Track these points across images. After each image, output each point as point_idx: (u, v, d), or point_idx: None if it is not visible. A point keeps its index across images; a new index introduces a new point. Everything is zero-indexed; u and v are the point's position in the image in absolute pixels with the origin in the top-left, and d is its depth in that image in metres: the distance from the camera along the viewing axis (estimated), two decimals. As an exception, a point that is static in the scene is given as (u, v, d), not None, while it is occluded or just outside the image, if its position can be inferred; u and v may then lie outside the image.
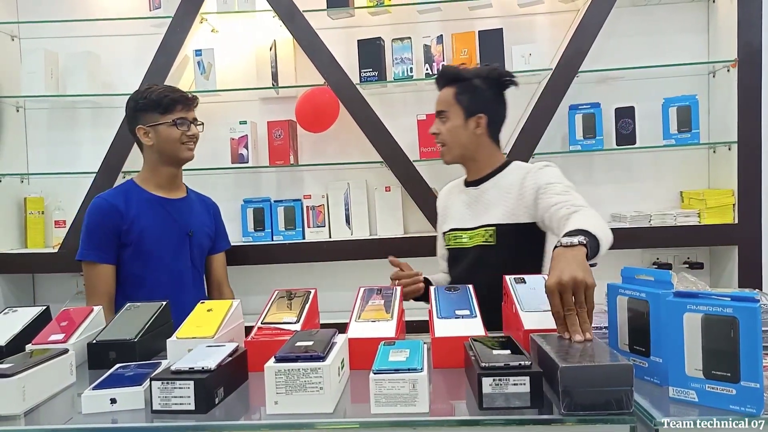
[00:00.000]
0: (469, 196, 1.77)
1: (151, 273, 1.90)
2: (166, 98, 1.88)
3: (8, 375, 0.94)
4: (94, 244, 1.87)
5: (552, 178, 1.62)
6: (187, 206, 2.03)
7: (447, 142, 1.73)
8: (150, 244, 1.89)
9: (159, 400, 0.92)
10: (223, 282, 2.16)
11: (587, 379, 0.85)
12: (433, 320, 1.21)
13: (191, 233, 1.98)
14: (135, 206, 1.90)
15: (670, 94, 2.41)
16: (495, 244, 1.67)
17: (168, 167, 1.96)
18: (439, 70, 1.79)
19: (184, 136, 1.91)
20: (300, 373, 0.90)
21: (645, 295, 1.00)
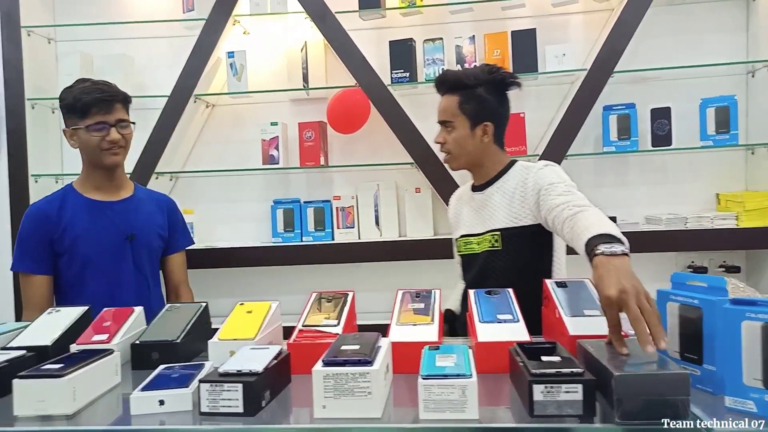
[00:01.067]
0: (476, 201, 1.75)
1: (89, 279, 1.79)
2: (80, 102, 1.73)
3: (59, 375, 0.95)
4: (27, 254, 1.76)
5: (554, 178, 1.57)
6: (131, 207, 1.88)
7: (453, 151, 1.70)
8: (85, 250, 1.78)
9: (207, 402, 0.93)
10: (180, 283, 2.01)
11: (642, 388, 0.83)
12: (475, 324, 1.20)
13: (132, 236, 1.84)
14: (69, 212, 1.79)
15: (707, 94, 2.36)
16: (501, 249, 1.65)
17: (99, 170, 1.82)
18: (440, 76, 1.73)
19: (103, 142, 1.75)
20: (348, 377, 0.90)
21: (698, 301, 0.98)
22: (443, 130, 1.71)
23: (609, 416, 0.84)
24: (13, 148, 2.55)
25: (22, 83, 2.53)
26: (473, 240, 1.72)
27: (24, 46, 2.54)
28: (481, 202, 1.73)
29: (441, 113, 1.71)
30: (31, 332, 1.27)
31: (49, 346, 1.21)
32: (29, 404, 0.95)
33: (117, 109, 1.78)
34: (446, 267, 2.49)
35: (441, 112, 1.71)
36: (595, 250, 1.14)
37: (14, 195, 2.55)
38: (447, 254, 2.43)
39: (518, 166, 1.71)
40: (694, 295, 0.99)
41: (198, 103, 2.61)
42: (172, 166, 2.63)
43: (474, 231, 1.73)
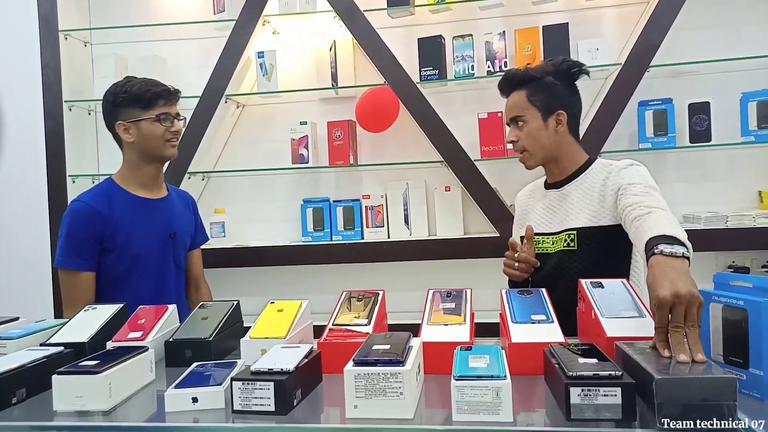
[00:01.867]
0: (550, 199, 1.69)
1: (135, 277, 1.79)
2: (149, 92, 1.75)
3: (96, 371, 0.97)
4: (75, 251, 1.73)
5: (635, 178, 1.52)
6: (170, 206, 1.92)
7: (528, 147, 1.64)
8: (135, 248, 1.78)
9: (240, 400, 0.93)
10: (200, 277, 2.06)
11: (685, 392, 0.80)
12: (508, 325, 1.17)
13: (174, 234, 1.88)
14: (118, 208, 1.78)
15: (748, 88, 2.28)
16: (576, 249, 1.59)
17: (150, 165, 1.84)
18: (503, 76, 1.68)
19: (167, 133, 1.78)
20: (380, 377, 0.89)
21: (743, 302, 0.94)
22: (514, 128, 1.65)
23: (650, 421, 0.81)
24: (52, 150, 2.62)
25: (59, 86, 2.60)
26: (547, 239, 1.66)
27: (61, 50, 2.61)
28: (557, 200, 1.67)
29: (509, 111, 1.66)
30: (69, 329, 1.30)
31: (86, 342, 1.23)
32: (68, 399, 0.97)
33: (175, 103, 1.85)
34: (477, 266, 2.48)
35: (509, 110, 1.66)
36: (654, 249, 1.10)
37: (52, 195, 2.62)
38: (478, 254, 2.42)
39: (599, 163, 1.65)
40: (739, 296, 0.95)
41: (229, 104, 2.64)
42: (203, 166, 2.66)
43: (548, 230, 1.67)
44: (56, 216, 2.61)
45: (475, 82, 2.52)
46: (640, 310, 1.18)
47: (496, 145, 2.43)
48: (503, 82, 1.68)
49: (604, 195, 1.57)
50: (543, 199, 1.72)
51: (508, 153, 2.41)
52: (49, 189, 2.62)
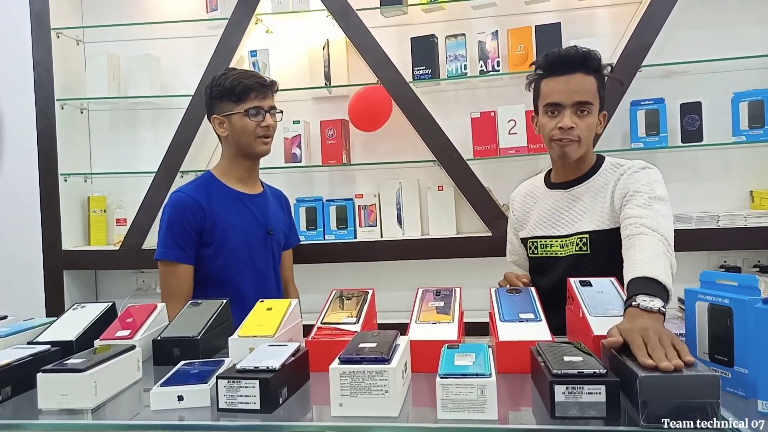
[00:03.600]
0: (557, 199, 1.62)
1: (234, 274, 1.76)
2: (240, 85, 1.72)
3: (81, 370, 0.97)
4: (176, 242, 1.71)
5: (641, 186, 1.45)
6: (266, 202, 1.89)
7: (584, 137, 1.50)
8: (234, 243, 1.75)
9: (225, 398, 0.93)
10: (290, 280, 2.04)
11: (669, 390, 0.81)
12: (496, 323, 1.18)
13: (271, 231, 1.85)
14: (217, 201, 1.75)
15: (740, 88, 2.29)
16: (589, 253, 1.53)
17: (245, 160, 1.82)
18: (573, 50, 1.49)
19: (258, 128, 1.75)
20: (365, 375, 0.89)
21: (728, 301, 0.94)
22: (573, 114, 1.49)
23: (634, 419, 0.82)
24: (43, 148, 2.60)
25: (51, 84, 2.59)
26: (555, 242, 1.59)
27: (53, 48, 2.60)
28: (565, 201, 1.60)
29: (579, 93, 1.48)
30: (57, 328, 1.30)
31: (74, 341, 1.23)
32: (52, 398, 0.96)
33: (270, 96, 1.80)
34: (470, 266, 2.48)
35: (578, 92, 1.48)
36: (632, 300, 1.10)
37: (44, 194, 2.61)
38: (470, 253, 2.42)
39: (608, 163, 1.59)
40: (724, 294, 0.96)
41: (222, 102, 2.63)
42: (196, 164, 2.65)
43: (556, 233, 1.60)
44: (48, 215, 2.60)
45: (468, 82, 2.52)
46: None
47: (488, 144, 2.43)
48: (583, 58, 1.49)
49: (614, 197, 1.51)
50: (547, 199, 1.65)
51: (501, 152, 2.42)
52: (41, 188, 2.61)
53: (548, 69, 1.53)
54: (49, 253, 2.59)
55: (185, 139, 2.53)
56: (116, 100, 2.69)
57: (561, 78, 1.50)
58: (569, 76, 1.49)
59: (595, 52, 1.52)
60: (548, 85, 1.53)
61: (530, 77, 1.60)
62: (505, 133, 2.40)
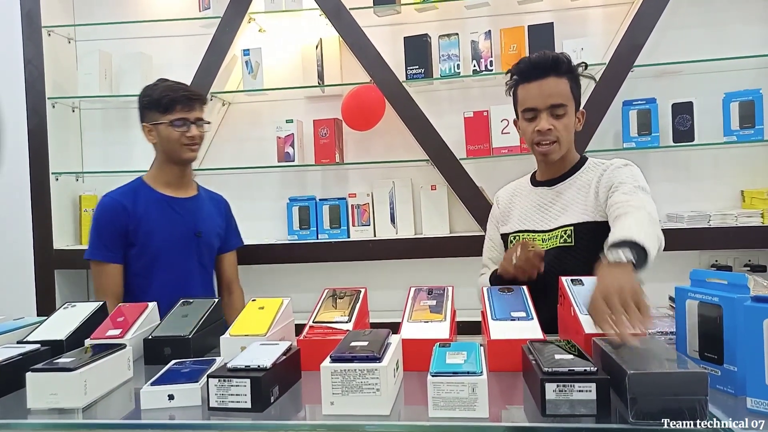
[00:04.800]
0: (542, 196, 1.66)
1: (157, 273, 1.87)
2: (166, 97, 1.84)
3: (71, 369, 0.96)
4: (103, 243, 1.85)
5: (626, 178, 1.50)
6: (197, 206, 1.98)
7: (562, 139, 1.56)
8: (156, 244, 1.87)
9: (216, 397, 0.93)
10: (233, 281, 2.12)
11: (658, 387, 0.81)
12: (488, 322, 1.18)
13: (199, 234, 1.94)
14: (143, 205, 1.87)
15: (731, 88, 2.30)
16: (573, 245, 1.56)
17: (174, 166, 1.92)
18: (542, 57, 1.55)
19: (183, 138, 1.86)
20: (356, 373, 0.89)
21: (718, 299, 0.95)
22: (550, 116, 1.54)
23: (624, 416, 0.82)
24: (35, 147, 2.58)
25: (42, 82, 2.57)
26: (538, 237, 1.63)
27: (45, 46, 2.58)
28: (549, 198, 1.65)
29: (552, 96, 1.53)
30: (47, 327, 1.29)
31: (64, 340, 1.23)
32: (42, 397, 0.96)
33: (197, 108, 1.90)
34: (462, 265, 2.48)
35: (551, 96, 1.53)
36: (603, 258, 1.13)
37: (35, 193, 2.59)
38: (464, 252, 2.42)
39: (591, 162, 1.65)
40: (714, 292, 0.96)
41: (214, 101, 2.62)
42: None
43: (539, 227, 1.64)
44: (39, 214, 2.58)
45: (461, 81, 2.53)
46: None
47: (481, 144, 2.43)
48: (552, 62, 1.54)
49: (598, 192, 1.56)
50: (530, 196, 1.70)
51: (494, 152, 2.42)
52: (32, 186, 2.59)
53: (522, 75, 1.59)
54: (40, 253, 2.58)
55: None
56: (108, 99, 2.68)
57: (534, 83, 1.55)
58: (541, 81, 1.54)
59: (565, 55, 1.58)
60: (523, 91, 1.59)
61: (508, 84, 1.66)
62: (498, 132, 2.41)
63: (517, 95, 1.62)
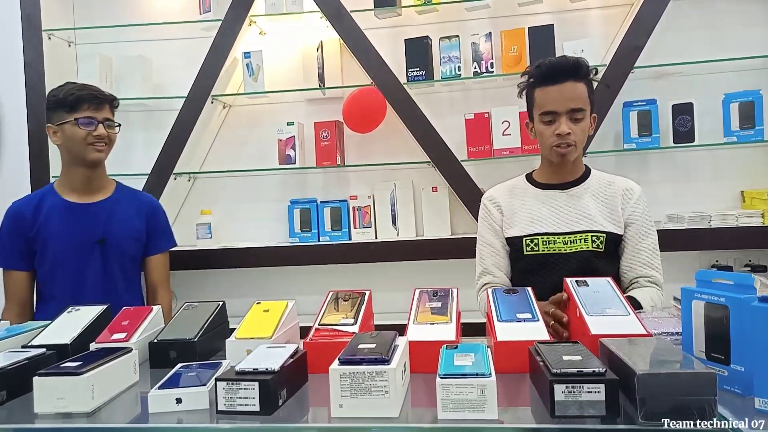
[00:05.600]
0: (554, 198, 1.68)
1: (57, 279, 1.87)
2: (72, 96, 1.82)
3: (78, 373, 0.96)
4: (5, 250, 1.88)
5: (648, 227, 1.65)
6: (105, 210, 1.93)
7: (579, 142, 1.60)
8: (54, 251, 1.86)
9: (224, 400, 0.92)
10: (159, 285, 2.03)
11: (667, 388, 0.81)
12: (494, 324, 1.18)
13: (102, 240, 1.90)
14: (44, 212, 1.87)
15: (731, 89, 2.31)
16: (603, 251, 1.62)
17: (80, 169, 1.89)
18: (563, 61, 1.57)
19: (89, 137, 1.82)
20: (365, 376, 0.89)
21: (724, 299, 0.95)
22: (569, 121, 1.57)
23: (633, 417, 0.82)
24: (35, 150, 2.58)
25: (43, 86, 2.56)
26: (559, 239, 1.63)
27: (45, 49, 2.58)
28: (565, 201, 1.67)
29: (573, 100, 1.55)
30: (51, 331, 1.28)
31: (69, 344, 1.22)
32: (49, 401, 0.95)
33: (105, 108, 1.88)
34: (464, 267, 2.47)
35: (571, 100, 1.55)
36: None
37: (36, 196, 2.58)
38: (465, 254, 2.41)
39: (596, 174, 1.72)
40: (720, 293, 0.96)
41: (215, 104, 2.62)
42: (190, 166, 2.65)
43: (558, 230, 1.65)
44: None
45: (462, 83, 2.53)
46: (625, 307, 1.19)
47: (482, 145, 2.44)
48: (573, 68, 1.56)
49: (623, 211, 1.65)
50: (537, 198, 1.70)
51: (495, 154, 2.42)
52: (32, 190, 2.58)
53: (541, 78, 1.60)
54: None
55: (178, 140, 2.52)
56: (108, 102, 2.67)
57: (554, 87, 1.57)
58: (562, 85, 1.56)
59: (584, 60, 1.59)
60: (542, 94, 1.59)
61: (522, 85, 1.66)
62: (499, 134, 2.41)
63: (533, 98, 1.62)
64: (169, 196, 2.55)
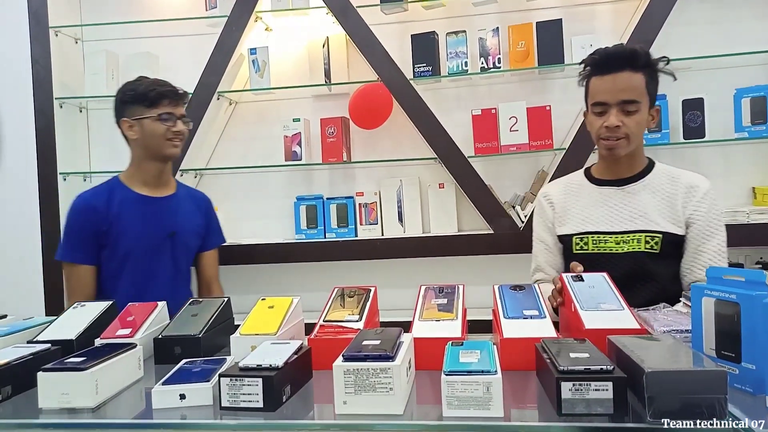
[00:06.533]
0: (609, 196, 1.62)
1: (127, 273, 1.85)
2: (153, 92, 1.82)
3: (82, 368, 0.96)
4: (73, 244, 1.84)
5: (713, 224, 1.54)
6: (173, 205, 1.96)
7: (633, 135, 1.52)
8: (127, 244, 1.84)
9: (228, 396, 0.92)
10: (212, 280, 2.08)
11: (676, 386, 0.80)
12: (500, 320, 1.17)
13: (173, 234, 1.91)
14: (116, 206, 1.85)
15: (742, 84, 2.28)
16: (659, 253, 1.53)
17: (153, 163, 1.90)
18: (617, 50, 1.52)
19: (169, 132, 1.84)
20: (369, 372, 0.88)
21: (736, 296, 0.93)
22: (620, 112, 1.51)
23: (641, 416, 0.81)
24: (42, 147, 2.59)
25: (50, 82, 2.57)
26: (611, 238, 1.58)
27: (52, 46, 2.58)
28: (620, 198, 1.60)
29: (625, 91, 1.49)
30: (57, 326, 1.28)
31: (74, 339, 1.22)
32: (53, 397, 0.95)
33: (181, 104, 1.91)
34: (471, 263, 2.48)
35: (625, 90, 1.49)
36: None
37: (43, 193, 2.59)
38: (472, 250, 2.41)
39: (660, 167, 1.62)
40: (732, 289, 0.94)
41: (221, 101, 2.62)
42: (196, 163, 2.65)
43: (610, 229, 1.59)
44: (47, 214, 2.59)
45: (469, 79, 2.51)
46: (620, 302, 1.18)
47: (489, 141, 2.42)
48: (628, 55, 1.50)
49: (675, 206, 1.56)
50: (592, 195, 1.65)
51: (502, 150, 2.40)
52: (39, 187, 2.60)
53: (596, 67, 1.55)
54: (48, 252, 2.58)
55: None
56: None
57: (608, 77, 1.51)
58: (616, 75, 1.50)
59: (643, 49, 1.53)
60: (596, 83, 1.54)
61: (581, 74, 1.62)
62: (507, 130, 2.39)
63: (588, 87, 1.58)
64: (176, 193, 2.55)
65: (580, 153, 2.30)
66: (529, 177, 2.53)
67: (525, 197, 2.49)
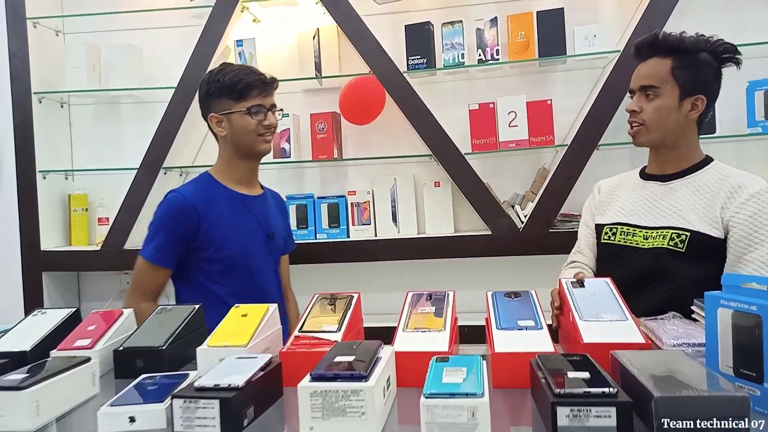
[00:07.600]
0: (651, 191, 1.56)
1: (232, 281, 1.68)
2: (241, 83, 1.65)
3: (20, 387, 0.86)
4: (161, 244, 1.64)
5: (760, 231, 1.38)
6: (266, 204, 1.83)
7: (649, 122, 1.50)
8: (233, 248, 1.67)
9: (181, 420, 0.82)
10: (287, 286, 1.97)
11: (690, 412, 0.70)
12: (492, 332, 1.06)
13: (272, 235, 1.78)
14: (216, 204, 1.68)
15: (755, 76, 2.16)
16: (683, 252, 1.44)
17: (245, 161, 1.75)
18: (648, 37, 1.52)
19: (260, 127, 1.69)
20: (339, 395, 0.78)
21: (757, 308, 0.82)
22: (640, 97, 1.52)
23: (650, 447, 0.70)
24: (20, 144, 2.49)
25: (28, 76, 2.48)
26: (639, 232, 1.53)
27: (30, 39, 2.48)
28: (661, 194, 1.54)
29: (643, 78, 1.51)
30: (12, 336, 1.20)
31: (28, 351, 1.12)
32: (-13, 419, 0.85)
33: (271, 94, 1.74)
34: (468, 266, 2.38)
35: (643, 77, 1.51)
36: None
37: (22, 192, 2.50)
38: (469, 252, 2.31)
39: (717, 166, 1.53)
40: (752, 300, 0.84)
41: (208, 95, 2.51)
42: (181, 160, 2.55)
43: (641, 222, 1.54)
44: (26, 214, 2.49)
45: (466, 72, 2.41)
46: (623, 312, 1.07)
47: (487, 137, 2.31)
48: (646, 44, 1.51)
49: (714, 206, 1.44)
50: (637, 189, 1.60)
51: (501, 146, 2.30)
52: (18, 186, 2.50)
53: (634, 56, 1.57)
54: (27, 254, 2.49)
55: (168, 134, 2.42)
56: (98, 93, 2.58)
57: (640, 65, 1.54)
58: (645, 62, 1.53)
59: (674, 35, 1.50)
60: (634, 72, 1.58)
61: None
62: (505, 125, 2.29)
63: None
64: (159, 192, 2.44)
65: (582, 149, 2.20)
66: (529, 175, 2.43)
67: (525, 196, 2.39)
